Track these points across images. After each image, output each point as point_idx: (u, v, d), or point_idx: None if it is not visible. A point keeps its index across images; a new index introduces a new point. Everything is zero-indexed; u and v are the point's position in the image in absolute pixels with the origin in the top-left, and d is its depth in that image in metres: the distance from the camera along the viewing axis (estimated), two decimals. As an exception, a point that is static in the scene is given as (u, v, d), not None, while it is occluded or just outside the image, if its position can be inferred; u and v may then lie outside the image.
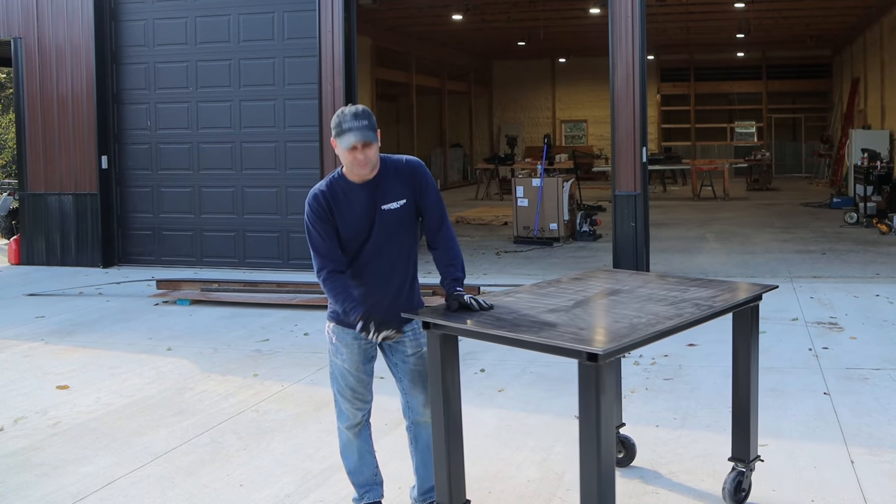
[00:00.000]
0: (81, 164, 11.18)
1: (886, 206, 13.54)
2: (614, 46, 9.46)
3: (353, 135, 3.34)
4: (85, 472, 4.44)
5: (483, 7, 17.23)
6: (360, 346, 3.61)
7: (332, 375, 3.71)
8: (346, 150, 3.37)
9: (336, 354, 3.64)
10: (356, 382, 3.65)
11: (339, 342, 3.61)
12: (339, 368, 3.65)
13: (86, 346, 7.12)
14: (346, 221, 3.47)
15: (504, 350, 6.20)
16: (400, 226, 3.53)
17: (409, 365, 3.63)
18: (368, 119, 3.40)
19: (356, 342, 3.59)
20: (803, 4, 17.42)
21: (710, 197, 18.79)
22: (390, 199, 3.50)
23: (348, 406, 3.68)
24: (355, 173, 3.45)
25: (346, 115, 3.40)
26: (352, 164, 3.41)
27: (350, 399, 3.66)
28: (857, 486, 4.04)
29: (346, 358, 3.62)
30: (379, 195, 3.49)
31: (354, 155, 3.37)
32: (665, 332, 3.24)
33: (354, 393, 3.66)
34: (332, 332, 3.65)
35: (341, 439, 3.77)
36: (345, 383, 3.65)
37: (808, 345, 6.60)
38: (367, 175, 3.46)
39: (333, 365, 3.68)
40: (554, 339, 3.06)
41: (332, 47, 10.20)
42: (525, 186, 12.86)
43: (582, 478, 2.98)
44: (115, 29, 11.21)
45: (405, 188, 3.54)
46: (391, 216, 3.50)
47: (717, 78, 26.14)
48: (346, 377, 3.64)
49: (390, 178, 3.52)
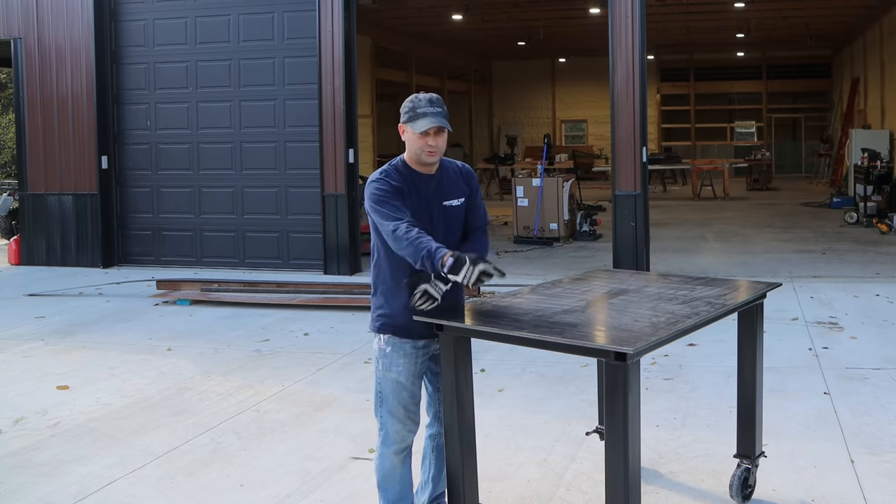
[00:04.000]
0: (81, 164, 11.18)
1: (886, 205, 13.54)
2: (614, 46, 9.46)
3: (429, 119, 3.27)
4: (85, 472, 4.44)
5: (483, 7, 17.22)
6: (418, 357, 3.41)
7: (382, 395, 3.43)
8: (417, 135, 3.29)
9: (390, 368, 3.39)
10: (410, 399, 3.41)
11: (394, 353, 3.38)
12: (392, 384, 3.39)
13: (86, 346, 7.12)
14: (408, 209, 3.32)
15: (504, 350, 6.21)
16: (457, 223, 3.48)
17: None
18: (443, 107, 3.35)
19: (414, 352, 3.40)
20: (803, 4, 17.42)
21: (710, 197, 18.78)
22: (452, 196, 3.45)
23: (399, 427, 3.40)
24: (422, 161, 3.36)
25: (421, 100, 3.33)
26: (421, 151, 3.32)
27: (402, 419, 3.40)
28: (857, 486, 4.04)
29: (403, 370, 3.38)
30: (442, 190, 3.42)
31: (426, 141, 3.30)
32: (686, 330, 3.23)
33: (408, 411, 3.41)
34: (386, 343, 3.40)
35: (383, 467, 3.45)
36: (398, 401, 3.39)
37: (808, 345, 6.60)
38: (432, 165, 3.39)
39: (384, 382, 3.41)
40: (580, 340, 3.04)
41: (332, 47, 10.20)
42: (525, 186, 12.86)
43: (607, 479, 2.95)
44: (115, 29, 11.21)
45: (464, 188, 3.50)
46: (452, 213, 3.45)
47: (717, 78, 26.14)
48: (401, 393, 3.39)
49: (451, 176, 3.48)
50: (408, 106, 3.33)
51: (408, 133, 3.33)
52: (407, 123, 3.32)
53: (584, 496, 4.03)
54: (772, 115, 25.96)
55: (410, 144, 3.35)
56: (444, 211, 3.42)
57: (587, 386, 5.57)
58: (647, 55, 9.59)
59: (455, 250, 3.25)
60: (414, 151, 3.35)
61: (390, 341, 3.38)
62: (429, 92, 3.52)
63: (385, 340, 3.40)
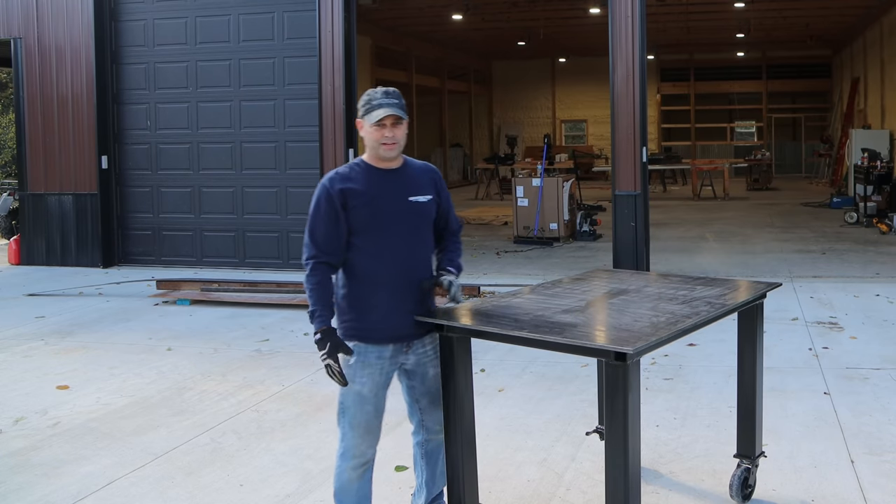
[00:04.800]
0: (81, 164, 11.18)
1: (886, 205, 13.54)
2: (614, 46, 9.46)
3: (384, 109, 3.19)
4: (85, 472, 4.44)
5: (483, 7, 17.22)
6: (383, 368, 3.28)
7: (343, 407, 3.28)
8: (373, 127, 3.21)
9: (353, 379, 3.23)
10: (374, 412, 3.27)
11: (357, 363, 3.24)
12: (354, 396, 3.24)
13: (86, 346, 7.12)
14: (370, 210, 3.22)
15: (504, 350, 6.21)
16: (425, 221, 3.36)
17: (428, 386, 3.40)
18: (400, 99, 3.28)
19: (379, 363, 3.27)
20: (803, 4, 17.43)
21: (710, 197, 18.79)
22: (419, 192, 3.32)
23: (358, 442, 3.26)
24: (381, 156, 3.27)
25: (377, 92, 3.26)
26: (378, 144, 3.23)
27: (363, 434, 3.26)
28: (857, 486, 4.04)
29: (367, 381, 3.24)
30: (407, 186, 3.31)
31: (382, 133, 3.21)
32: (686, 330, 3.24)
33: (369, 426, 3.27)
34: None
35: (340, 479, 3.32)
36: (361, 414, 3.25)
37: (808, 344, 6.60)
38: (392, 160, 3.29)
39: (347, 393, 3.26)
40: (580, 340, 3.04)
41: (332, 47, 10.20)
42: (525, 186, 12.86)
43: (607, 479, 2.95)
44: (115, 29, 11.21)
45: (431, 186, 3.39)
46: (419, 209, 3.32)
47: (717, 78, 26.15)
48: (364, 405, 3.24)
49: (416, 172, 3.38)
50: (364, 99, 3.26)
51: (365, 127, 3.25)
52: (363, 117, 3.24)
53: (584, 496, 4.03)
54: (772, 115, 25.97)
55: (368, 138, 3.26)
56: (410, 207, 3.30)
57: (587, 386, 5.57)
58: (647, 55, 9.59)
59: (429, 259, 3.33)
60: (372, 145, 3.27)
61: (354, 350, 3.25)
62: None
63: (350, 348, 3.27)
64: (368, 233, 3.24)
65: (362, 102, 3.26)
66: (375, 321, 3.26)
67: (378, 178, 3.28)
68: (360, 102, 3.28)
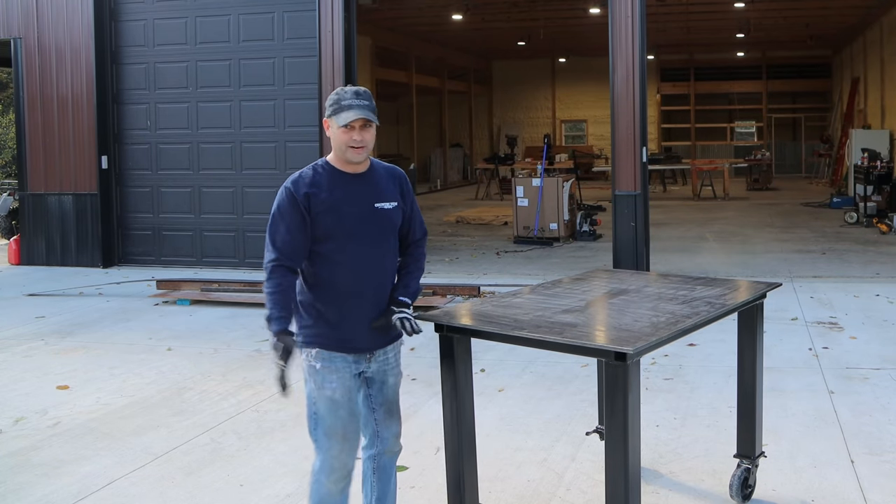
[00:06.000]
0: (81, 164, 11.18)
1: (886, 205, 13.55)
2: (614, 46, 9.46)
3: (354, 111, 3.02)
4: (85, 472, 4.44)
5: (483, 7, 17.23)
6: (351, 371, 3.12)
7: (315, 417, 3.10)
8: (341, 129, 3.05)
9: (322, 386, 3.08)
10: (349, 417, 3.10)
11: (325, 369, 3.08)
12: (326, 403, 3.08)
13: (86, 346, 7.12)
14: (334, 216, 3.07)
15: (504, 350, 6.21)
16: (390, 228, 3.20)
17: (386, 394, 3.23)
18: (371, 101, 3.11)
19: (346, 367, 3.11)
20: (803, 4, 17.43)
21: (710, 197, 18.79)
22: (385, 199, 3.17)
23: (338, 450, 3.08)
24: (347, 159, 3.11)
25: (347, 92, 3.08)
26: (345, 147, 3.07)
27: (341, 439, 3.08)
28: (857, 486, 4.04)
29: (338, 386, 3.08)
30: (373, 192, 3.15)
31: (351, 135, 3.05)
32: (686, 330, 3.23)
33: (346, 431, 3.09)
34: (315, 358, 3.10)
35: (319, 493, 3.13)
36: (336, 420, 3.07)
37: (808, 344, 6.60)
38: (359, 164, 3.14)
39: (317, 402, 3.09)
40: (580, 340, 3.03)
41: (332, 47, 10.20)
42: (525, 186, 12.86)
43: (607, 479, 2.94)
44: (115, 29, 11.21)
45: (396, 191, 3.23)
46: (385, 216, 3.16)
47: (717, 78, 26.16)
48: (338, 410, 3.07)
49: (383, 177, 3.21)
50: (332, 99, 3.09)
51: (332, 128, 3.08)
52: (331, 117, 3.08)
53: (584, 496, 4.03)
54: (772, 115, 25.98)
55: (335, 140, 3.10)
56: (376, 214, 3.14)
57: (587, 386, 5.57)
58: (647, 55, 9.59)
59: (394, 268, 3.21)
60: (339, 148, 3.10)
61: (320, 355, 3.09)
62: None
63: (314, 356, 3.10)
64: (332, 240, 3.09)
65: (331, 101, 3.10)
66: (339, 333, 3.11)
67: (343, 182, 3.13)
68: (329, 101, 3.11)
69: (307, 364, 3.12)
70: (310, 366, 3.11)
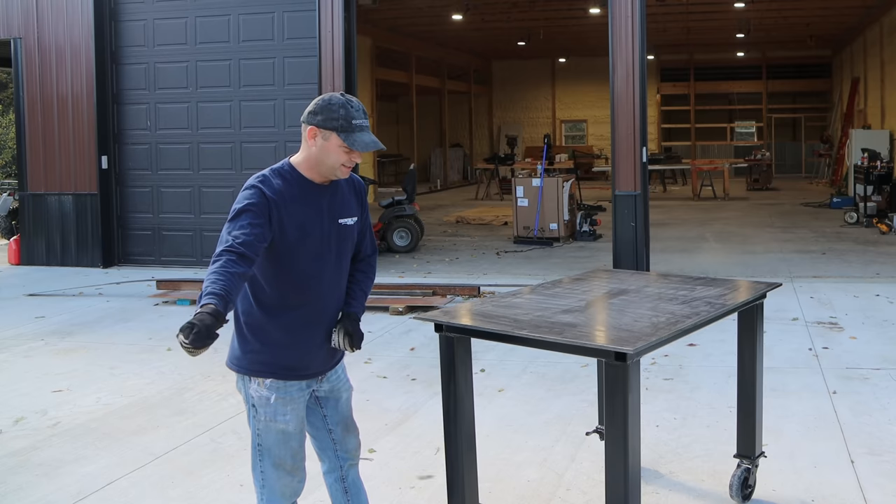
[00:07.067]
0: (81, 164, 11.18)
1: (886, 205, 13.55)
2: (614, 46, 9.46)
3: (369, 138, 2.78)
4: (85, 472, 4.44)
5: (483, 7, 17.23)
6: (304, 399, 2.93)
7: (262, 449, 2.88)
8: (342, 147, 2.77)
9: (275, 418, 2.85)
10: (298, 446, 2.92)
11: (279, 400, 2.84)
12: (277, 435, 2.86)
13: (86, 346, 7.12)
14: (299, 232, 2.80)
15: (504, 350, 6.21)
16: (350, 243, 2.98)
17: (342, 412, 3.06)
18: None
19: (301, 395, 2.90)
20: (803, 4, 17.43)
21: (710, 197, 18.79)
22: (347, 214, 2.93)
23: (287, 481, 2.91)
24: (329, 175, 2.84)
25: (355, 109, 2.78)
26: (336, 165, 2.80)
27: (290, 470, 2.90)
28: (857, 486, 4.04)
29: (292, 417, 2.87)
30: (336, 207, 2.90)
31: (350, 157, 2.80)
32: (686, 330, 3.23)
33: (295, 460, 2.91)
34: (269, 388, 2.84)
35: None
36: (286, 452, 2.88)
37: (808, 344, 6.60)
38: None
39: (266, 434, 2.87)
40: (579, 340, 3.03)
41: (332, 47, 10.20)
42: (525, 186, 12.86)
43: (607, 479, 2.94)
44: (115, 29, 11.22)
45: (357, 204, 2.99)
46: (346, 232, 2.93)
47: (717, 78, 26.16)
48: (289, 442, 2.88)
49: (345, 190, 2.95)
50: (339, 112, 2.75)
51: (330, 141, 2.76)
52: (335, 132, 2.75)
53: (584, 496, 4.02)
54: (772, 115, 25.99)
55: (324, 154, 2.78)
56: (339, 231, 2.90)
57: (587, 386, 5.57)
58: (647, 55, 9.60)
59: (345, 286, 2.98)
60: (326, 163, 2.80)
61: (274, 386, 2.84)
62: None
63: (267, 386, 2.84)
64: (291, 257, 2.80)
65: (336, 114, 2.76)
66: (293, 359, 2.86)
67: (311, 194, 2.84)
68: (330, 112, 2.76)
69: (256, 394, 2.85)
70: (260, 396, 2.85)
